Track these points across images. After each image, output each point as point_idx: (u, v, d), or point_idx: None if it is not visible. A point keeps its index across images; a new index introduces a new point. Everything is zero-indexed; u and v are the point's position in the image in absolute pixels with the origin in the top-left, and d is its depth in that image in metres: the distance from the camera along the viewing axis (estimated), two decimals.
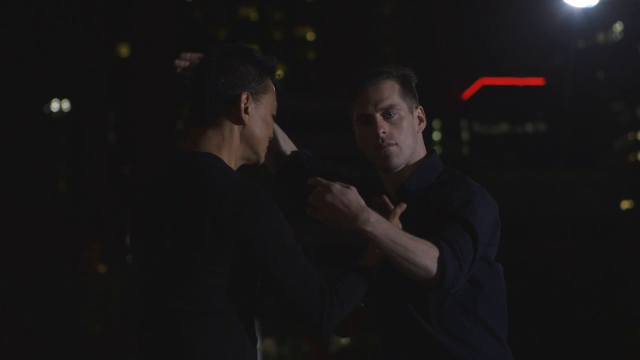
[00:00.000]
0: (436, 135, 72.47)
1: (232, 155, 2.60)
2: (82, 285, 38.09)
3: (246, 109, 2.58)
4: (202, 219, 2.45)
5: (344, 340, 40.74)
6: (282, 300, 2.48)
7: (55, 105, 53.16)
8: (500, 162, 65.39)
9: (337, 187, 2.48)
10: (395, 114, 2.83)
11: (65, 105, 54.16)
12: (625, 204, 54.40)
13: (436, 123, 72.44)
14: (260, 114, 2.62)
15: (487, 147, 69.36)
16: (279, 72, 2.72)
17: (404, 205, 2.68)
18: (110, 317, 36.53)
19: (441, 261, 2.60)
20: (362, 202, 2.52)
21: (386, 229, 2.54)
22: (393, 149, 2.82)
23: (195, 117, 2.63)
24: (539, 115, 71.66)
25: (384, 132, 2.81)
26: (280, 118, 2.99)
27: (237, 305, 2.49)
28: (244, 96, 2.58)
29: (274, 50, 74.47)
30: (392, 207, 2.71)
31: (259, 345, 2.61)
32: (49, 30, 47.93)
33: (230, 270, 2.46)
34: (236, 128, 2.59)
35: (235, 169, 2.60)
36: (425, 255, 2.58)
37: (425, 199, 2.83)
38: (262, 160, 2.69)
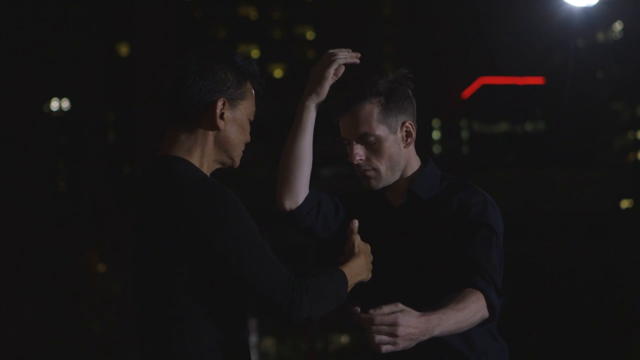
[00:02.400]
0: (436, 134, 72.43)
1: (204, 159, 2.61)
2: (81, 285, 38.10)
3: (222, 114, 2.61)
4: (164, 221, 2.48)
5: (344, 339, 40.74)
6: (249, 296, 2.48)
7: (54, 105, 53.10)
8: (499, 161, 65.37)
9: (400, 317, 2.44)
10: (372, 139, 2.86)
11: (65, 104, 54.10)
12: (625, 203, 54.37)
13: (436, 122, 72.41)
14: (236, 120, 2.64)
15: (486, 146, 69.33)
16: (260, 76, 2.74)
17: (356, 222, 2.74)
18: (110, 316, 36.52)
19: (489, 302, 2.66)
20: (418, 312, 2.49)
21: (448, 319, 2.54)
22: (370, 173, 2.87)
23: (170, 119, 2.65)
24: (538, 114, 71.65)
25: (360, 159, 2.87)
26: (280, 118, 3.00)
27: (211, 306, 2.49)
28: (219, 102, 2.60)
29: (273, 50, 74.54)
30: (355, 230, 2.74)
31: (255, 342, 2.62)
32: (48, 29, 47.91)
33: (198, 271, 2.47)
34: (210, 133, 2.61)
35: (208, 173, 2.62)
36: (477, 311, 2.63)
37: (437, 206, 2.85)
38: (237, 164, 2.70)
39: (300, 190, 2.93)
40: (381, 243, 2.88)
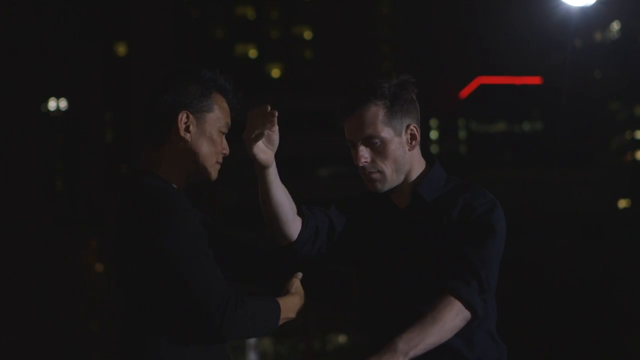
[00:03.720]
0: (433, 134, 72.42)
1: (173, 171, 2.67)
2: (79, 284, 38.09)
3: (187, 127, 2.64)
4: (121, 231, 2.58)
5: (341, 339, 40.75)
6: (185, 301, 2.49)
7: (52, 104, 53.04)
8: (497, 160, 65.39)
9: None
10: (377, 141, 2.85)
11: (63, 104, 54.05)
12: (622, 203, 54.42)
13: (433, 122, 72.41)
14: (204, 132, 2.67)
15: (484, 145, 69.35)
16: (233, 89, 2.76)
17: (300, 274, 2.80)
18: (107, 315, 36.52)
19: (465, 302, 2.67)
20: (377, 352, 2.59)
21: (417, 336, 2.61)
22: (375, 176, 2.86)
23: (144, 135, 2.72)
24: (536, 114, 71.67)
25: (365, 161, 2.85)
26: (278, 117, 2.98)
27: (164, 309, 2.54)
28: (181, 116, 2.64)
29: (271, 49, 74.38)
30: (299, 277, 2.81)
31: (253, 342, 2.68)
32: (46, 29, 47.87)
33: (150, 276, 2.53)
34: (178, 146, 2.66)
35: (180, 185, 2.68)
36: (455, 316, 2.67)
37: (442, 207, 2.86)
38: (213, 176, 2.73)
39: (291, 229, 2.86)
40: (385, 244, 2.88)
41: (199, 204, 2.85)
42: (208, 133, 2.67)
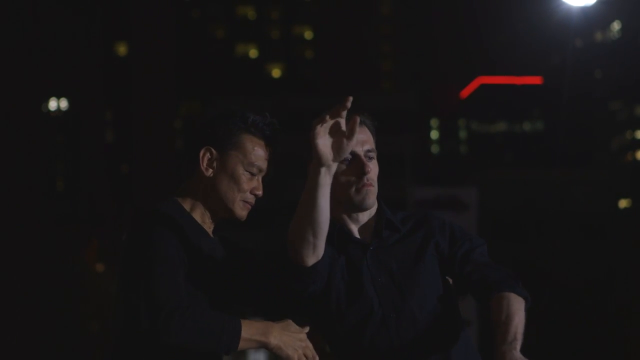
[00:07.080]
0: (434, 134, 72.44)
1: (196, 204, 2.75)
2: (80, 284, 38.10)
3: (211, 164, 2.72)
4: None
5: None
6: (134, 304, 2.60)
7: (53, 104, 53.05)
8: (498, 160, 65.40)
9: None
10: (373, 157, 2.87)
11: (63, 104, 54.05)
12: (623, 203, 54.42)
13: (434, 122, 72.43)
14: (226, 169, 2.72)
15: (485, 145, 69.36)
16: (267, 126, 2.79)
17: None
18: (109, 316, 36.59)
19: (520, 293, 3.06)
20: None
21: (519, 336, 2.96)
22: (372, 189, 2.87)
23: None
24: (536, 114, 71.70)
25: (369, 172, 2.84)
26: (278, 116, 2.98)
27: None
28: (203, 151, 2.72)
29: (271, 49, 74.38)
30: None
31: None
32: (46, 28, 47.89)
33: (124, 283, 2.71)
34: (203, 181, 2.73)
35: (204, 219, 2.74)
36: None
37: (413, 227, 2.93)
38: (237, 213, 2.73)
39: (320, 245, 2.66)
40: (372, 274, 2.85)
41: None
42: (230, 170, 2.72)
